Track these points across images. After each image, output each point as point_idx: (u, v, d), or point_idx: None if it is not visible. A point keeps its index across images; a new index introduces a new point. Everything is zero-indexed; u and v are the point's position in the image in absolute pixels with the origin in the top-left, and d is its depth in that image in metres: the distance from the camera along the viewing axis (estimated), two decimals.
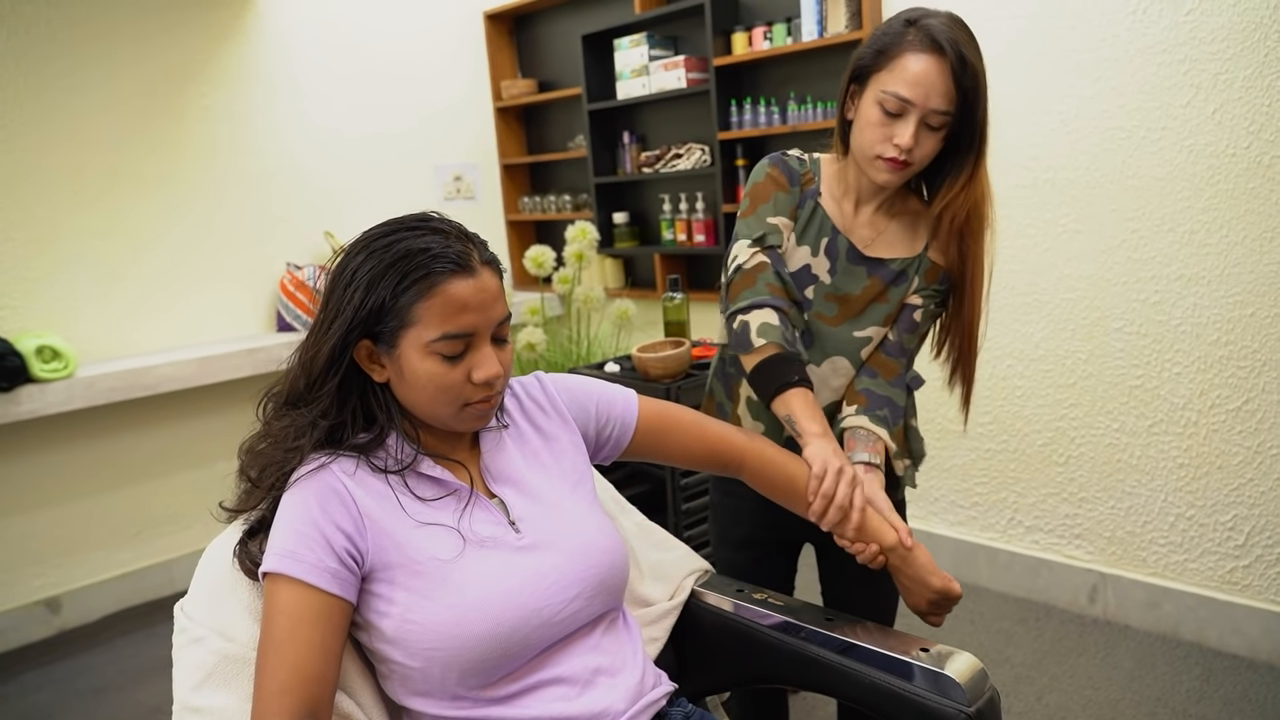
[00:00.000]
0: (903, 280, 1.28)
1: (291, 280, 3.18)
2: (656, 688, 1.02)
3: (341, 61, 3.40)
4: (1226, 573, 2.19)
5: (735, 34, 2.95)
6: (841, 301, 1.28)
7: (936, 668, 0.97)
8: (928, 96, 1.12)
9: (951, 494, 2.68)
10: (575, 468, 1.08)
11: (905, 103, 1.13)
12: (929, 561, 1.12)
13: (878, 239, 1.28)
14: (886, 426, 1.23)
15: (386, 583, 0.90)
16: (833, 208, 1.29)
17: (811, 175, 1.30)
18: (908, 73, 1.13)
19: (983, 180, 1.21)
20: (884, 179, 1.20)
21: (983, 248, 1.24)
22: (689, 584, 1.23)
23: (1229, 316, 2.09)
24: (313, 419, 0.94)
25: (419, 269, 0.89)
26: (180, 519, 3.05)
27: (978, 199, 1.20)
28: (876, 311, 1.28)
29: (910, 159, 1.17)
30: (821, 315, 1.28)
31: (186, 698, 0.90)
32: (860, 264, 1.27)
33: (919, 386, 1.32)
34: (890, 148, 1.16)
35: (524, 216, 3.95)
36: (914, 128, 1.14)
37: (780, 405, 1.18)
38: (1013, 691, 2.09)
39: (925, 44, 1.12)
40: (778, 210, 1.28)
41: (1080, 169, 2.27)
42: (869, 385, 1.26)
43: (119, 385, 2.66)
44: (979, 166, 1.19)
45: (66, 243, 2.76)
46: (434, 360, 0.91)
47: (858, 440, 1.23)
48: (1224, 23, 2.00)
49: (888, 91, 1.14)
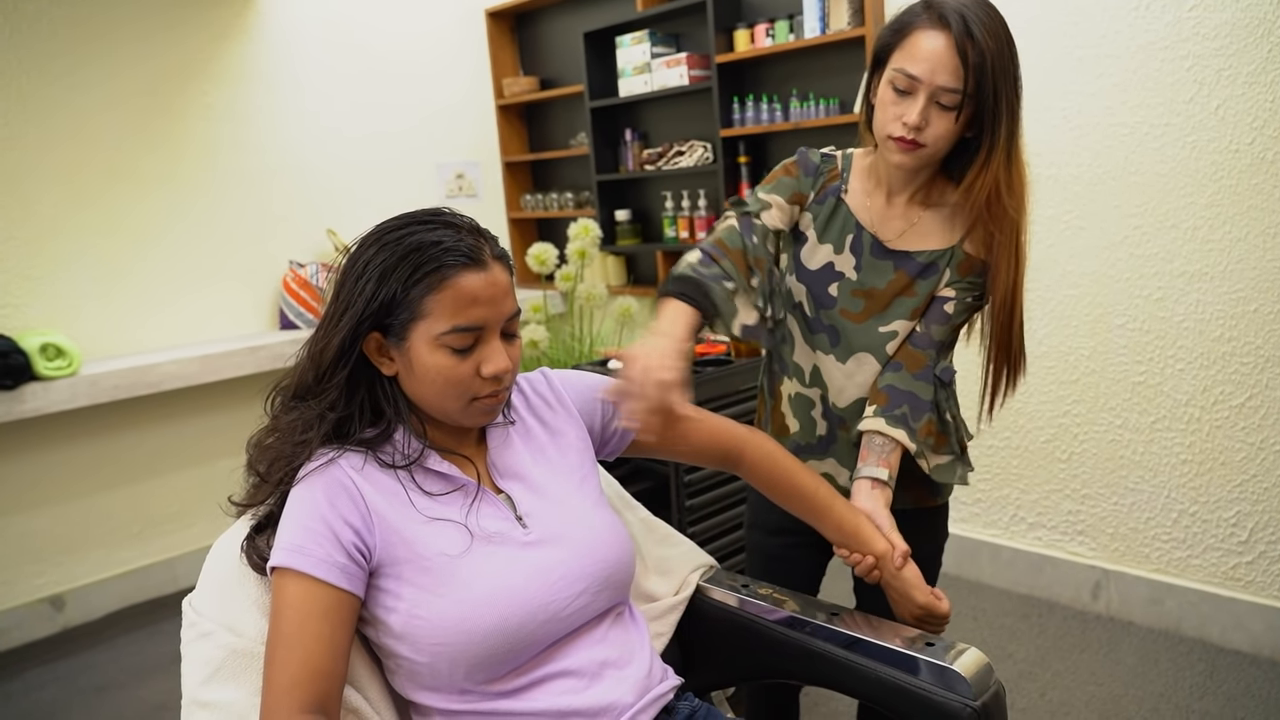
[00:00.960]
0: (931, 272, 1.24)
1: (294, 278, 3.19)
2: (664, 682, 1.02)
3: (343, 60, 3.40)
4: (1229, 569, 2.19)
5: (737, 31, 2.95)
6: (867, 296, 1.26)
7: (942, 662, 0.97)
8: (934, 72, 1.11)
9: (954, 490, 2.68)
10: (581, 463, 1.08)
11: (913, 79, 1.12)
12: (915, 577, 1.12)
13: (909, 230, 1.25)
14: (905, 426, 1.20)
15: (394, 578, 0.90)
16: (859, 203, 1.27)
17: (838, 171, 1.29)
18: (916, 49, 1.12)
19: (1002, 164, 1.15)
20: (897, 160, 1.17)
21: (1010, 235, 1.18)
22: (694, 579, 1.23)
23: (1232, 312, 2.09)
24: (320, 411, 0.94)
25: (431, 261, 0.90)
26: (183, 517, 3.05)
27: (1000, 182, 1.16)
28: (902, 305, 1.25)
29: (921, 139, 1.14)
30: (847, 312, 1.27)
31: (195, 692, 0.90)
32: (886, 258, 1.25)
33: (950, 378, 1.28)
34: (899, 126, 1.14)
35: (526, 214, 3.95)
36: (921, 105, 1.12)
37: (659, 307, 1.15)
38: (1016, 688, 2.09)
39: (934, 20, 1.11)
40: (775, 191, 1.28)
41: (1083, 165, 2.26)
42: (891, 380, 1.23)
43: (122, 383, 2.66)
44: (996, 147, 1.15)
45: (69, 241, 2.77)
46: (443, 353, 0.91)
47: (871, 451, 1.20)
48: (1227, 18, 1.99)
49: (898, 69, 1.13)
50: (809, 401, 1.33)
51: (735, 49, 2.97)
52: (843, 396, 1.30)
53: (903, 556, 1.12)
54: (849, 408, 1.29)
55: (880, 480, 1.18)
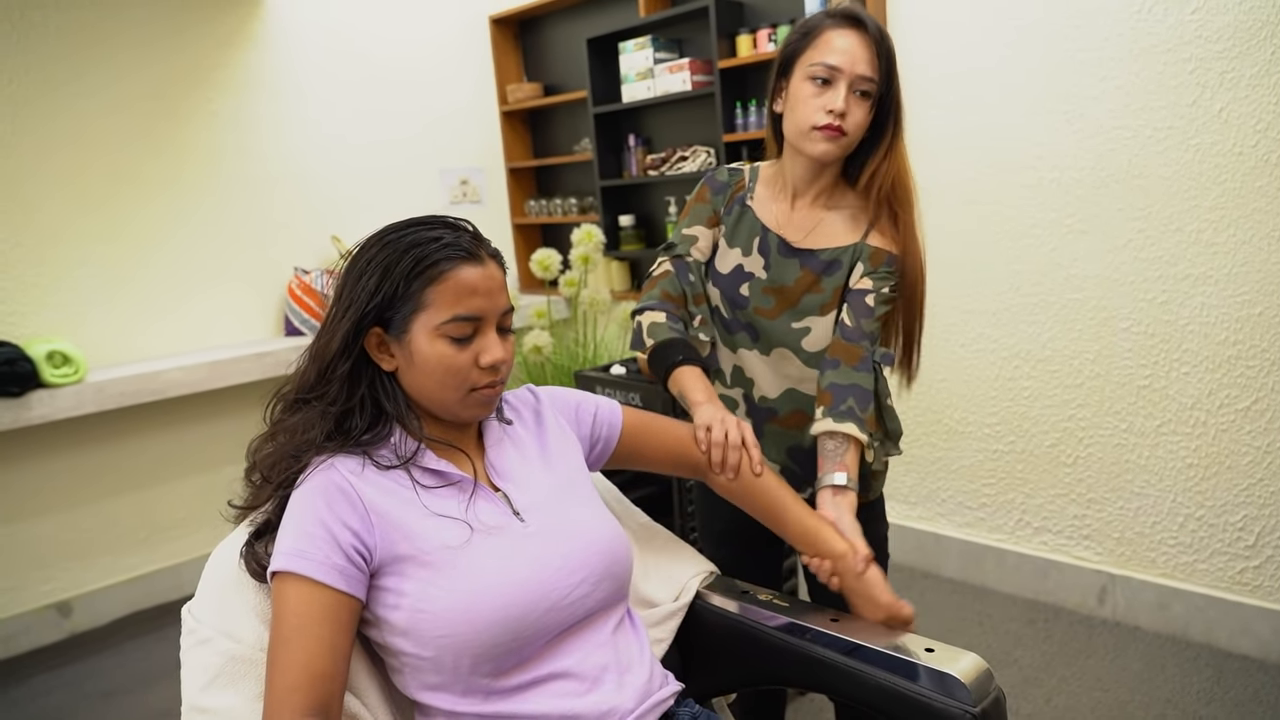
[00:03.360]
0: (835, 269, 1.32)
1: (299, 284, 3.20)
2: (664, 687, 1.03)
3: (347, 67, 3.41)
4: (1237, 573, 2.18)
5: (740, 36, 2.96)
6: (778, 294, 1.34)
7: (941, 668, 0.97)
8: (854, 63, 1.22)
9: (959, 495, 2.67)
10: (572, 468, 1.10)
11: (834, 70, 1.22)
12: (879, 580, 1.12)
13: (815, 230, 1.34)
14: (854, 419, 1.24)
15: (396, 575, 0.91)
16: (764, 209, 1.37)
17: (744, 183, 1.41)
18: (833, 44, 1.23)
19: (903, 152, 1.30)
20: (822, 149, 1.26)
21: (913, 218, 1.31)
22: (694, 585, 1.23)
23: (1237, 315, 2.08)
24: (323, 409, 0.97)
25: (431, 256, 0.94)
26: (189, 523, 3.06)
27: (900, 169, 1.29)
28: (811, 301, 1.33)
29: (845, 126, 1.24)
30: (761, 309, 1.35)
31: (194, 698, 0.91)
32: (792, 256, 1.33)
33: (890, 363, 1.35)
34: (824, 115, 1.23)
35: (530, 220, 3.96)
36: (844, 93, 1.22)
37: (673, 384, 1.28)
38: (1021, 693, 2.08)
39: (846, 20, 1.24)
40: (694, 221, 1.40)
41: (1086, 168, 2.26)
42: (833, 378, 1.28)
43: (128, 390, 2.67)
44: (898, 136, 1.28)
45: (74, 247, 2.78)
46: (443, 343, 0.95)
47: (825, 458, 1.24)
48: (1229, 21, 1.99)
49: (816, 63, 1.23)
50: (732, 402, 1.41)
51: (738, 54, 2.97)
52: (773, 388, 1.37)
53: (865, 561, 1.12)
54: (780, 398, 1.37)
55: (840, 486, 1.21)
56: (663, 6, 3.27)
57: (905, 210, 1.30)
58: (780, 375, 1.36)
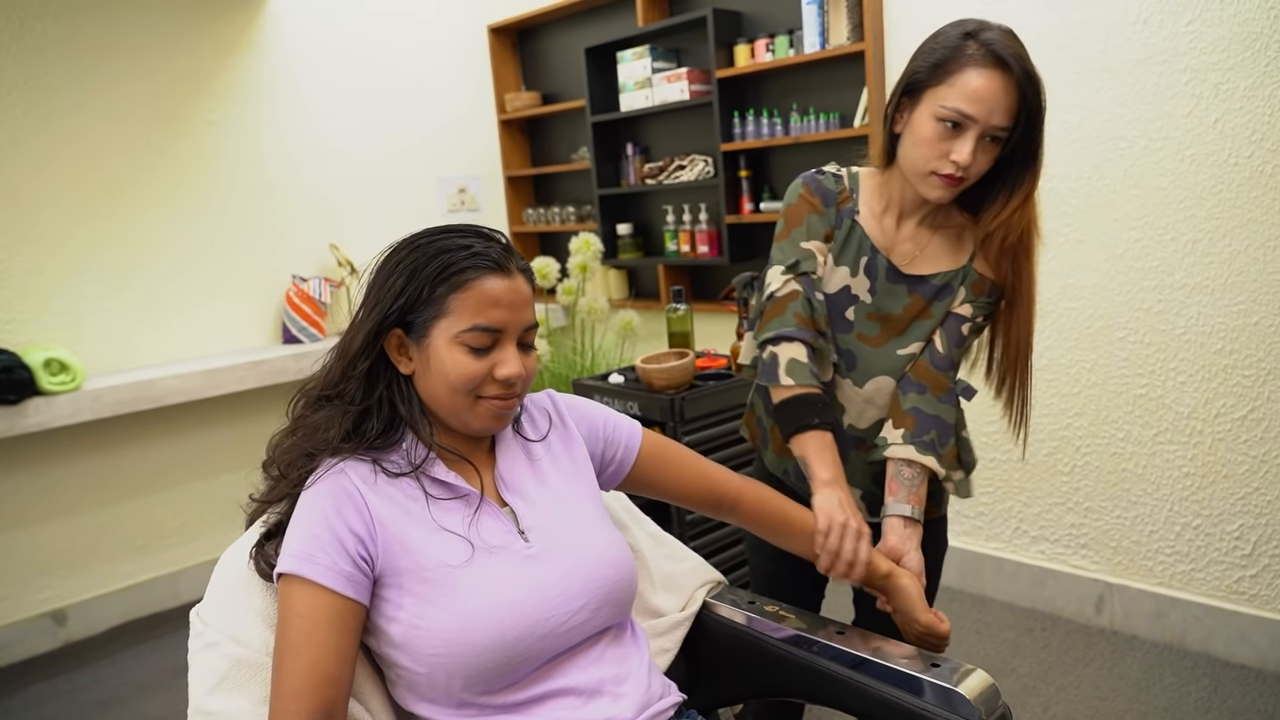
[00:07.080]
0: (946, 294, 1.25)
1: (297, 292, 3.19)
2: (664, 698, 1.02)
3: (346, 75, 3.41)
4: (1233, 582, 2.19)
5: (737, 46, 2.97)
6: (884, 321, 1.26)
7: (947, 684, 0.97)
8: (991, 113, 1.10)
9: (957, 504, 2.68)
10: (583, 483, 1.09)
11: (967, 118, 1.10)
12: (918, 596, 1.12)
13: (920, 254, 1.26)
14: (933, 452, 1.20)
15: (395, 587, 0.91)
16: (872, 225, 1.26)
17: (849, 193, 1.28)
18: (969, 88, 1.09)
19: (1036, 202, 1.19)
20: (937, 195, 1.17)
21: (1034, 264, 1.22)
22: (701, 595, 1.23)
23: (1233, 325, 2.10)
24: (343, 408, 0.97)
25: (459, 263, 0.94)
26: (185, 531, 3.05)
27: (1032, 219, 1.19)
28: (920, 328, 1.26)
29: (967, 175, 1.15)
30: (864, 336, 1.26)
31: (200, 701, 0.91)
32: (900, 282, 1.25)
33: (971, 397, 1.28)
34: (947, 164, 1.13)
35: (528, 228, 3.97)
36: (973, 144, 1.11)
37: (797, 445, 1.19)
38: (1019, 702, 2.09)
39: (988, 59, 1.09)
40: (811, 234, 1.26)
41: (1083, 179, 2.27)
42: (917, 403, 1.22)
43: (125, 398, 2.66)
44: (1035, 183, 1.17)
45: (72, 255, 2.78)
46: (460, 351, 0.94)
47: (900, 484, 1.20)
48: (1224, 33, 2.01)
49: (948, 106, 1.11)
50: None
51: (736, 64, 2.99)
52: (863, 419, 1.30)
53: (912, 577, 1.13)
54: (869, 429, 1.30)
55: (912, 519, 1.19)
56: (661, 16, 3.28)
57: (1028, 258, 1.20)
58: (874, 407, 1.29)
